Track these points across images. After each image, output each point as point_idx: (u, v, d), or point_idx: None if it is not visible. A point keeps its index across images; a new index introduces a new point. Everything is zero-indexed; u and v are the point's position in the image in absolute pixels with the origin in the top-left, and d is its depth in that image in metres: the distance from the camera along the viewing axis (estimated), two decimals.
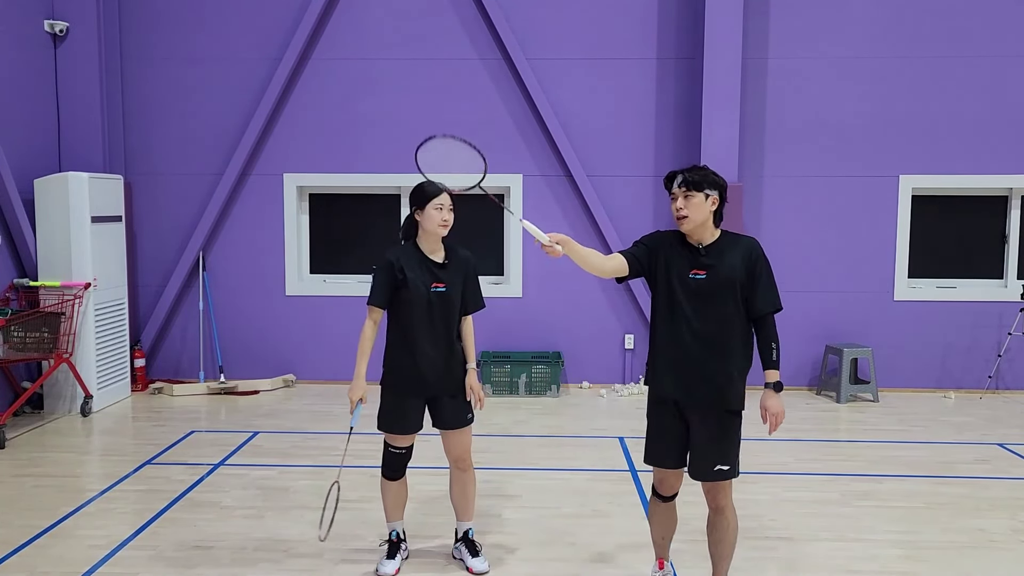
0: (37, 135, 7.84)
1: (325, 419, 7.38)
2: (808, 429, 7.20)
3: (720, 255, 3.70)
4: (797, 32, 8.26)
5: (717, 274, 3.67)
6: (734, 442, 3.76)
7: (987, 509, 5.34)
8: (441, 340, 4.24)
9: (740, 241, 3.76)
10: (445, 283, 4.23)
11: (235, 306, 8.68)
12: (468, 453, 4.41)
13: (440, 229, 4.21)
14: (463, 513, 4.50)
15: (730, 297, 3.67)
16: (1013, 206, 8.51)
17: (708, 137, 7.93)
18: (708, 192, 3.67)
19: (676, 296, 3.71)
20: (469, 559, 4.43)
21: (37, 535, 4.84)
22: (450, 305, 4.26)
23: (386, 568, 4.36)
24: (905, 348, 8.46)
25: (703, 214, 3.69)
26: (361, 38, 8.42)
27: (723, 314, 3.67)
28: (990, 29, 8.18)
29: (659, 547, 4.14)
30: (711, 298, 3.68)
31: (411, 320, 4.20)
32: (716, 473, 3.72)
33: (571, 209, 8.50)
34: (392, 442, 4.36)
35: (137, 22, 8.45)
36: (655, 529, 4.08)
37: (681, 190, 3.68)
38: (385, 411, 4.34)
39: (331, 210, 8.82)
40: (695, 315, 3.68)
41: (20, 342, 7.01)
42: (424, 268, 4.21)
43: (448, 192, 4.25)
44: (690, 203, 3.66)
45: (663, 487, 3.94)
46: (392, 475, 4.40)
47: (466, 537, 4.50)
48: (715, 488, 3.79)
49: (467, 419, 4.37)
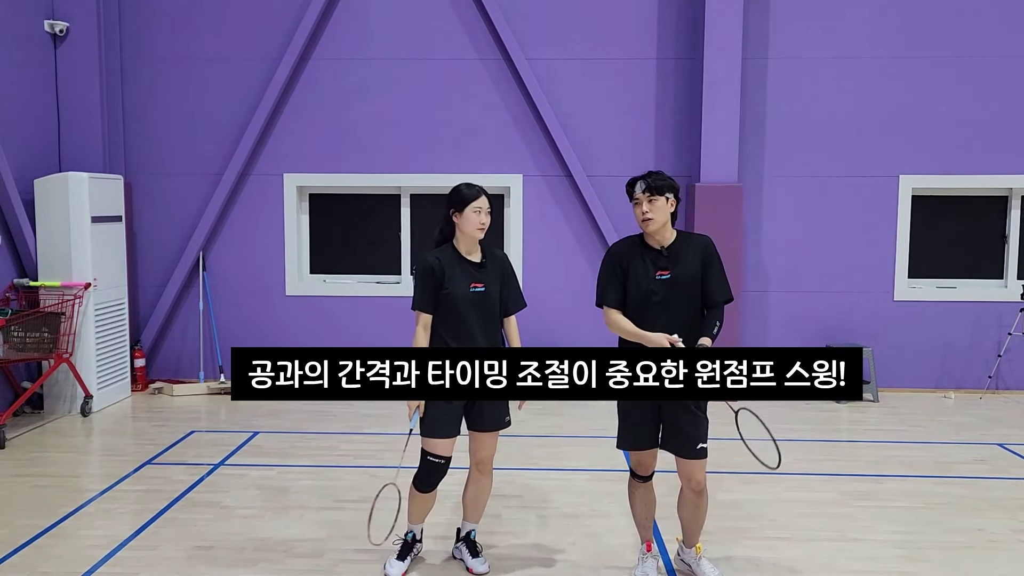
0: (37, 135, 7.84)
1: (325, 419, 7.39)
2: (808, 429, 7.20)
3: (679, 254, 4.09)
4: (797, 32, 8.26)
5: (679, 272, 4.06)
6: (706, 425, 4.13)
7: (987, 509, 5.34)
8: (482, 340, 4.20)
9: (694, 239, 4.16)
10: (484, 283, 4.22)
11: (235, 306, 8.68)
12: (492, 457, 4.40)
13: (478, 232, 4.20)
14: (472, 514, 4.49)
15: (693, 291, 4.06)
16: (1013, 206, 8.51)
17: (708, 137, 7.92)
18: (668, 195, 4.05)
19: (646, 296, 4.07)
20: (469, 559, 4.43)
21: (37, 535, 4.85)
22: (491, 304, 4.25)
23: (393, 569, 4.36)
24: (905, 348, 8.46)
25: (665, 216, 4.06)
26: (361, 38, 8.42)
27: (689, 307, 4.06)
28: (990, 29, 8.18)
29: (643, 528, 4.37)
30: (676, 294, 4.04)
31: (454, 321, 4.17)
32: (699, 451, 4.09)
33: (571, 209, 8.50)
34: (433, 450, 4.24)
35: (137, 22, 8.45)
36: (638, 510, 4.34)
37: (645, 195, 4.02)
38: (428, 416, 4.22)
39: (331, 210, 8.82)
40: (664, 310, 4.04)
41: (20, 342, 7.01)
42: (463, 269, 4.20)
43: (486, 195, 4.23)
44: (654, 207, 4.02)
45: (642, 468, 4.26)
46: (426, 489, 4.32)
47: (468, 537, 4.49)
48: (694, 466, 4.13)
49: (506, 421, 4.35)
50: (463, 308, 4.17)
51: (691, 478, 4.17)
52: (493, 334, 4.26)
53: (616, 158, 8.44)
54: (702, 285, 4.08)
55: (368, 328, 8.63)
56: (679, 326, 4.00)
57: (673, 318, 4.03)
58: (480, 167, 8.45)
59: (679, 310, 4.04)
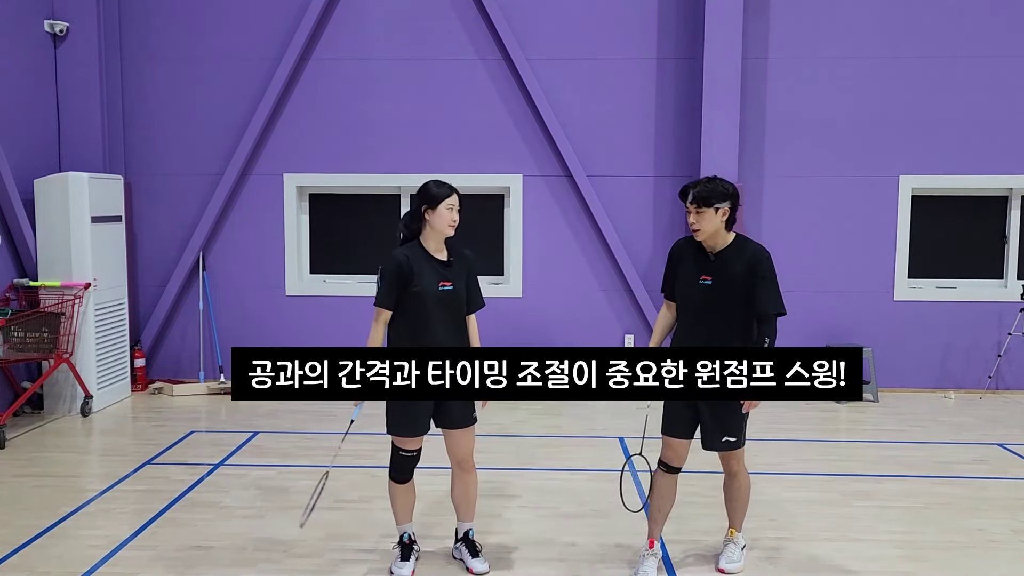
0: (37, 135, 7.84)
1: (325, 419, 7.38)
2: (808, 429, 7.20)
3: (727, 261, 4.15)
4: (797, 32, 8.26)
5: (722, 278, 4.13)
6: (738, 419, 4.23)
7: (987, 509, 5.34)
8: (450, 339, 4.20)
9: (747, 248, 4.19)
10: (451, 281, 4.21)
11: (235, 306, 8.68)
12: (472, 454, 4.41)
13: (449, 229, 4.21)
14: (464, 513, 4.50)
15: (734, 298, 4.12)
16: (1013, 206, 8.51)
17: (708, 137, 7.92)
18: (717, 205, 4.09)
19: (689, 298, 4.22)
20: (469, 559, 4.43)
21: (37, 535, 4.84)
22: (458, 303, 4.25)
23: (402, 571, 4.35)
24: (905, 348, 8.46)
25: (714, 225, 4.12)
26: (361, 38, 8.42)
27: (728, 313, 4.13)
28: (990, 29, 8.18)
29: (655, 524, 4.42)
30: (716, 299, 4.13)
31: (420, 319, 4.17)
32: (724, 444, 4.27)
33: (571, 209, 8.50)
34: (401, 445, 4.31)
35: (137, 22, 8.45)
36: (656, 502, 4.40)
37: (693, 206, 4.11)
38: (393, 414, 4.29)
39: (331, 210, 8.82)
40: (704, 314, 4.17)
41: (20, 342, 7.01)
42: (431, 267, 4.20)
43: (457, 193, 4.23)
44: (701, 218, 4.10)
45: (673, 458, 4.35)
46: (400, 478, 4.37)
47: (466, 537, 4.50)
48: (726, 456, 4.36)
49: (473, 418, 4.35)
50: (430, 306, 4.16)
51: (724, 463, 4.42)
52: (456, 333, 4.25)
53: (616, 158, 8.44)
54: (749, 295, 4.11)
55: (368, 328, 8.61)
56: (718, 331, 4.12)
57: (713, 322, 4.15)
58: (480, 167, 8.45)
59: (719, 316, 4.14)
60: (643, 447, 4.45)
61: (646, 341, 8.57)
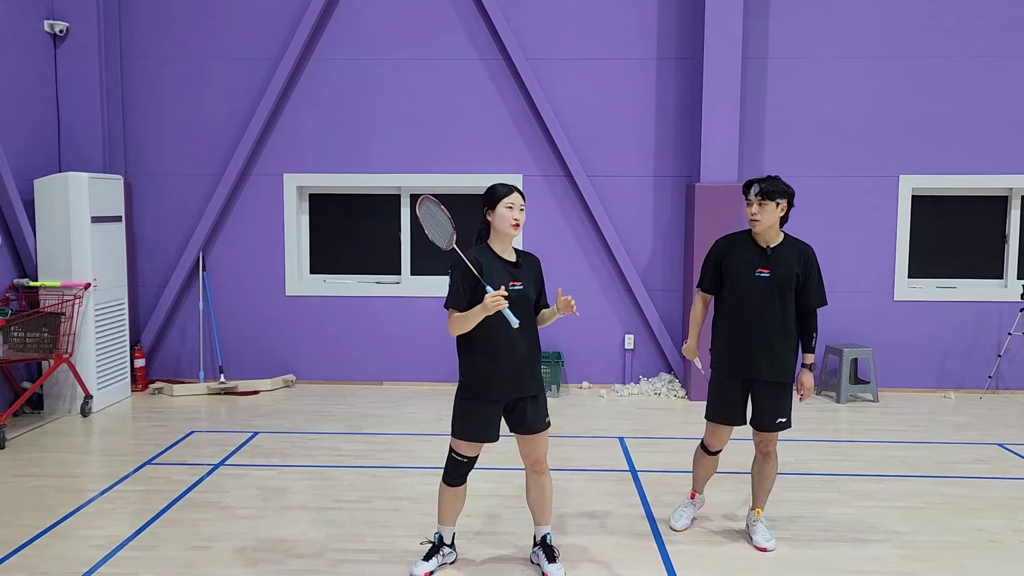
0: (37, 135, 7.84)
1: (325, 419, 7.39)
2: (808, 429, 7.20)
3: (782, 256, 4.47)
4: (797, 32, 8.26)
5: (778, 272, 4.44)
6: (789, 402, 4.60)
7: (987, 509, 5.34)
8: (523, 339, 4.13)
9: (799, 245, 4.53)
10: (521, 281, 4.16)
11: (235, 306, 8.69)
12: (545, 456, 4.37)
13: (512, 228, 4.13)
14: (541, 517, 4.45)
15: (788, 291, 4.45)
16: (1013, 206, 8.51)
17: (708, 137, 7.93)
18: (779, 201, 4.41)
19: (744, 290, 4.49)
20: (546, 564, 4.37)
21: (37, 535, 4.84)
22: (528, 303, 4.18)
23: (417, 569, 4.34)
24: (905, 348, 8.47)
25: (772, 219, 4.44)
26: (361, 38, 8.43)
27: (782, 305, 4.45)
28: (990, 29, 8.18)
29: (699, 483, 4.97)
30: (773, 292, 4.44)
31: (493, 321, 4.04)
32: (777, 425, 4.58)
33: (571, 209, 8.50)
34: (460, 450, 4.23)
35: (137, 22, 8.46)
36: (699, 472, 4.94)
37: (757, 199, 4.41)
38: (468, 419, 4.18)
39: (331, 210, 8.82)
40: (759, 306, 4.46)
41: (20, 342, 7.01)
42: (501, 267, 4.14)
43: (519, 192, 4.18)
44: (764, 210, 4.40)
45: (716, 443, 4.75)
46: (454, 482, 4.32)
47: (544, 542, 4.45)
48: (768, 437, 4.63)
49: (547, 422, 4.31)
50: None
51: (765, 444, 4.66)
52: (531, 333, 4.18)
53: (616, 158, 8.44)
54: (801, 290, 4.46)
55: (368, 328, 8.64)
56: (769, 321, 4.44)
57: (765, 313, 4.45)
58: (480, 167, 8.45)
59: (772, 307, 4.45)
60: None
61: (647, 340, 8.59)
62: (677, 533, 4.93)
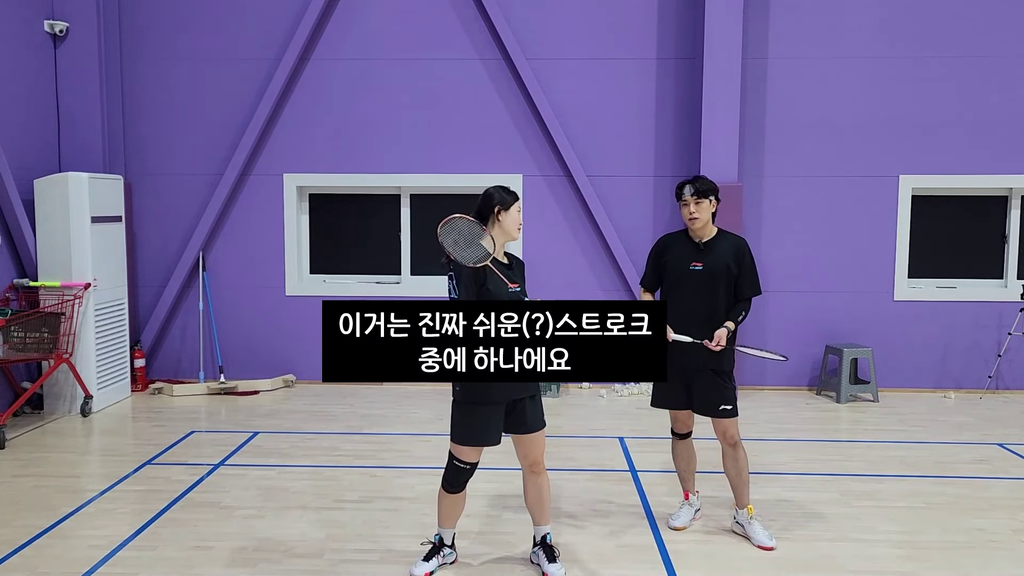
0: (37, 135, 7.84)
1: (325, 419, 7.39)
2: (808, 429, 7.20)
3: (715, 250, 4.71)
4: (797, 32, 8.26)
5: (711, 265, 4.68)
6: (731, 390, 4.73)
7: (987, 509, 5.34)
8: None
9: (730, 238, 4.78)
10: (517, 283, 4.18)
11: (235, 306, 8.69)
12: (543, 456, 4.39)
13: (518, 232, 4.25)
14: (539, 517, 4.46)
15: (721, 283, 4.67)
16: (1013, 206, 8.51)
17: (708, 137, 7.92)
18: (711, 198, 4.68)
19: (680, 283, 4.72)
20: (546, 564, 4.38)
21: (37, 535, 4.84)
22: None
23: (417, 569, 4.35)
24: (905, 348, 8.46)
25: (707, 215, 4.69)
26: (361, 38, 8.42)
27: (716, 296, 4.67)
28: (990, 29, 8.18)
29: (684, 480, 5.05)
30: (706, 284, 4.67)
31: None
32: (721, 412, 4.70)
33: (571, 209, 8.50)
34: (464, 456, 4.25)
35: (137, 22, 8.46)
36: (678, 464, 5.05)
37: (693, 198, 4.65)
38: (470, 423, 4.19)
39: (331, 210, 8.82)
40: (695, 297, 4.68)
41: (20, 342, 7.01)
42: (500, 268, 4.14)
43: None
44: (699, 208, 4.66)
45: (678, 425, 4.95)
46: (453, 489, 4.35)
47: (544, 542, 4.45)
48: (723, 425, 4.73)
49: (544, 421, 4.34)
50: None
51: (723, 433, 4.77)
52: None
53: (616, 158, 8.44)
54: (736, 281, 4.70)
55: None
56: (705, 310, 4.65)
57: (701, 303, 4.66)
58: (480, 167, 8.45)
59: (706, 297, 4.66)
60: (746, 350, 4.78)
61: None
62: (677, 533, 4.93)
